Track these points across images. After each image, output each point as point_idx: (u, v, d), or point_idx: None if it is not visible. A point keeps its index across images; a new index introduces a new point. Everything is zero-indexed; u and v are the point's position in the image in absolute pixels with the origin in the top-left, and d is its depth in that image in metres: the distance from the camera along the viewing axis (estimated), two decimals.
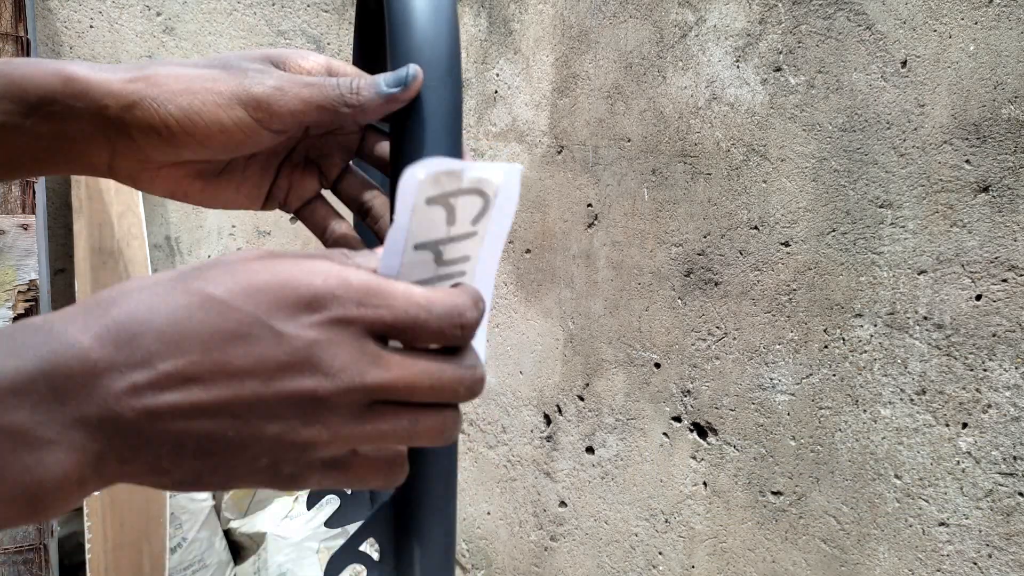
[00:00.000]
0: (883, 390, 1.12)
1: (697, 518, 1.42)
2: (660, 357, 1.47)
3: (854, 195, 1.14)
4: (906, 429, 1.10)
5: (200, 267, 0.34)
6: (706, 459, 1.39)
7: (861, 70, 1.12)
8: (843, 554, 1.19)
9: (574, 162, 1.63)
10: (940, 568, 1.07)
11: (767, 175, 1.26)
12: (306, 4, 1.71)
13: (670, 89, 1.41)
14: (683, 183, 1.40)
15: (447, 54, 0.41)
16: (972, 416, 1.03)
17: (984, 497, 1.02)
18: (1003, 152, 0.98)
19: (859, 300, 1.15)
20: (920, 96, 1.06)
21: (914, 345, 1.08)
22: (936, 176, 1.05)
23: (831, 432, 1.19)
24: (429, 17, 0.41)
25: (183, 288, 0.33)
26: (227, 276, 0.33)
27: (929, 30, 1.04)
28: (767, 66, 1.25)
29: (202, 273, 0.34)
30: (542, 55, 1.70)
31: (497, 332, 1.88)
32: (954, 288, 1.04)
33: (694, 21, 1.36)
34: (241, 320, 0.32)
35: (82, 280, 1.53)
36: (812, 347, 1.21)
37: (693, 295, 1.39)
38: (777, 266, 1.25)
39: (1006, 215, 0.98)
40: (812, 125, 1.19)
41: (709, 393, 1.38)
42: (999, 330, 0.99)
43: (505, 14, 1.80)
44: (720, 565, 1.38)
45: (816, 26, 1.18)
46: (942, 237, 1.04)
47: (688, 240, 1.39)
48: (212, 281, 0.33)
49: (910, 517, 1.10)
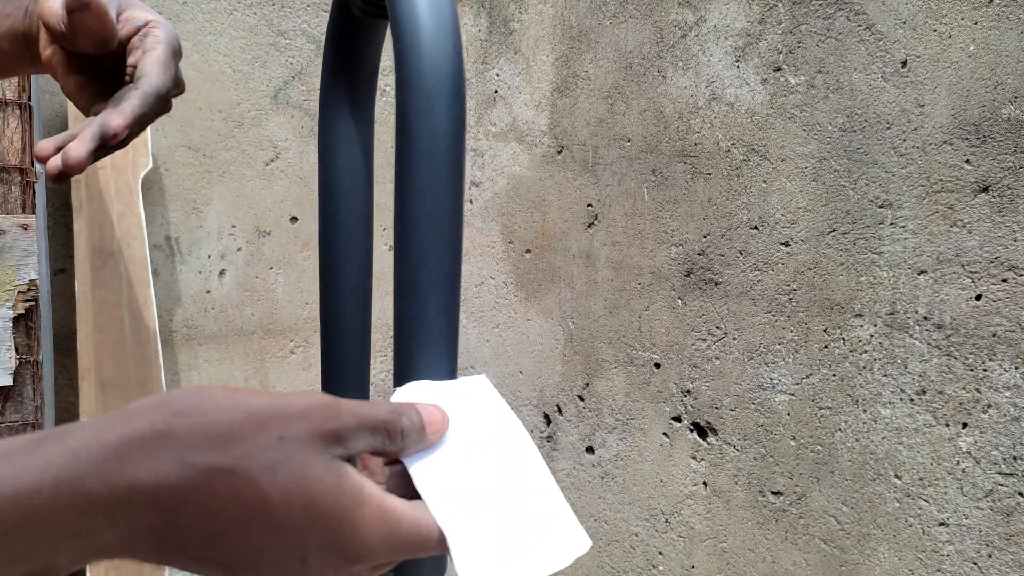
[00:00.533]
0: (883, 390, 1.12)
1: (697, 518, 1.42)
2: (660, 357, 1.47)
3: (854, 195, 1.14)
4: (906, 429, 1.10)
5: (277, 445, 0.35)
6: (706, 459, 1.39)
7: (861, 70, 1.12)
8: (843, 554, 1.19)
9: (574, 162, 1.63)
10: (940, 568, 1.07)
11: (767, 175, 1.26)
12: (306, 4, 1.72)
13: (670, 89, 1.41)
14: (683, 183, 1.40)
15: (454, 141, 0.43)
16: (972, 416, 1.03)
17: (984, 497, 1.02)
18: (1003, 152, 0.98)
19: (859, 300, 1.14)
20: (920, 96, 1.06)
21: (914, 345, 1.08)
22: (936, 176, 1.05)
23: (831, 432, 1.19)
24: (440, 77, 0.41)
25: (252, 487, 0.34)
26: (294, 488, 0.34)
27: (929, 30, 1.04)
28: (767, 66, 1.25)
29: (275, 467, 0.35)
30: (542, 55, 1.70)
31: (497, 332, 1.88)
32: (954, 288, 1.04)
33: (694, 21, 1.36)
34: (284, 547, 0.35)
35: (82, 280, 1.54)
36: (812, 347, 1.21)
37: (693, 295, 1.39)
38: (777, 266, 1.25)
39: (1006, 215, 0.98)
40: (812, 125, 1.19)
41: (709, 393, 1.38)
42: (999, 330, 0.99)
43: (505, 14, 1.80)
44: (720, 565, 1.38)
45: (816, 26, 1.18)
46: (942, 237, 1.04)
47: (688, 240, 1.39)
48: (279, 487, 0.34)
49: (910, 517, 1.10)
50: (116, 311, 1.48)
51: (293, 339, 1.77)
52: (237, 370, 1.72)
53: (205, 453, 0.33)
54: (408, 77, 0.41)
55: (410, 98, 0.41)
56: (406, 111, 0.41)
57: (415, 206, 0.42)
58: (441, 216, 0.42)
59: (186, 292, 1.66)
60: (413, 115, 0.41)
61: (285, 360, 1.77)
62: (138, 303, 1.50)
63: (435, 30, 0.41)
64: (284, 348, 1.77)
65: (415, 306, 0.43)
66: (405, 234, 0.42)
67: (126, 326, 1.48)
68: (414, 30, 0.41)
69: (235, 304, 1.71)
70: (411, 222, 0.42)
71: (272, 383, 1.76)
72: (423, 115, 0.41)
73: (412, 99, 0.41)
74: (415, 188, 0.42)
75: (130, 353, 1.48)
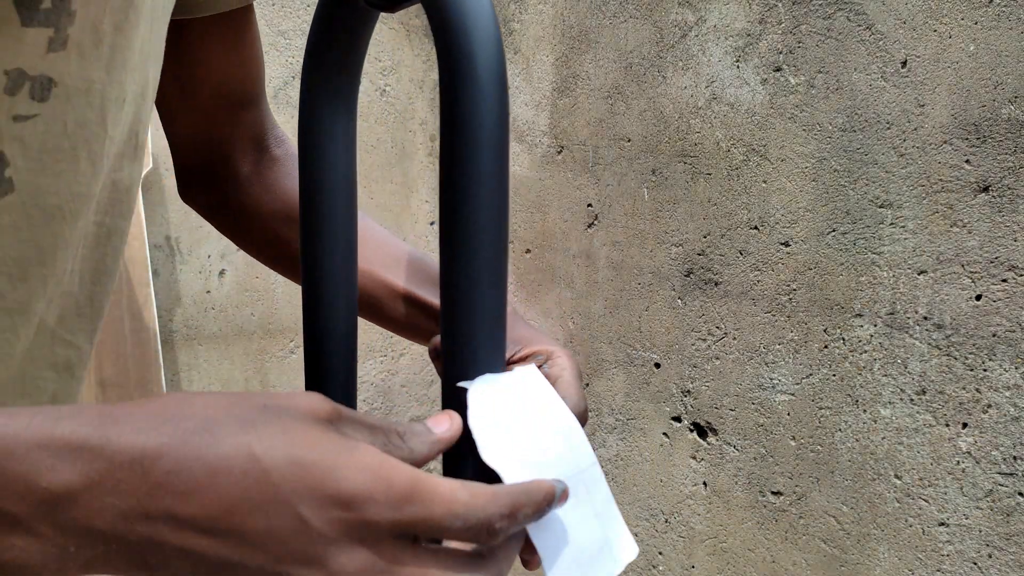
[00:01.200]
0: (883, 390, 1.12)
1: (697, 518, 1.42)
2: (660, 357, 1.47)
3: (854, 195, 1.14)
4: (906, 429, 1.10)
5: (260, 409, 0.35)
6: (706, 459, 1.39)
7: (861, 70, 1.12)
8: (843, 554, 1.19)
9: (574, 162, 1.63)
10: (940, 568, 1.07)
11: (767, 175, 1.26)
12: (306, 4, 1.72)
13: (670, 89, 1.41)
14: (683, 183, 1.40)
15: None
16: (972, 416, 1.03)
17: (984, 497, 1.02)
18: (1003, 152, 0.98)
19: (859, 300, 1.15)
20: (920, 96, 1.06)
21: (914, 345, 1.08)
22: (936, 176, 1.05)
23: (831, 432, 1.19)
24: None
25: (232, 440, 0.33)
26: (279, 441, 0.34)
27: (929, 30, 1.04)
28: (767, 66, 1.25)
29: (257, 423, 0.34)
30: (542, 55, 1.70)
31: None
32: (954, 288, 1.04)
33: (694, 21, 1.36)
34: (272, 496, 0.33)
35: None
36: (812, 347, 1.21)
37: (693, 295, 1.39)
38: (777, 266, 1.25)
39: (1006, 215, 0.98)
40: (812, 125, 1.19)
41: (709, 393, 1.38)
42: (999, 330, 0.99)
43: (505, 14, 1.80)
44: (720, 565, 1.38)
45: (816, 26, 1.18)
46: (942, 237, 1.04)
47: (688, 240, 1.39)
48: (263, 440, 0.33)
49: (910, 517, 1.10)
50: (116, 311, 1.48)
51: (293, 339, 1.77)
52: (237, 370, 1.72)
53: (195, 425, 0.33)
54: (458, 66, 0.41)
55: (460, 89, 0.41)
56: (456, 102, 0.41)
57: (468, 200, 0.41)
58: (493, 209, 0.42)
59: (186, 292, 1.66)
60: (465, 107, 0.41)
61: (285, 360, 1.77)
62: (138, 303, 1.50)
63: (477, 16, 0.41)
64: (284, 348, 1.77)
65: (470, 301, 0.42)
66: (458, 229, 0.42)
67: (126, 326, 1.48)
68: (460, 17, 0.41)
69: (235, 304, 1.71)
70: (463, 216, 0.42)
71: (272, 383, 1.76)
72: (474, 104, 0.41)
73: (462, 91, 0.41)
74: (468, 180, 0.41)
75: (130, 353, 1.48)
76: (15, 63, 0.40)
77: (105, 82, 0.44)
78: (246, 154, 0.71)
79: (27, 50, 0.40)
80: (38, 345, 0.48)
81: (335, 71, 0.52)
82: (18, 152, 0.41)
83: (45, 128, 0.42)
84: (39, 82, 0.41)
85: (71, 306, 0.50)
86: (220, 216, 0.72)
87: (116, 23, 0.43)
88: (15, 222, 0.42)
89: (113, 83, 0.45)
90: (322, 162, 0.53)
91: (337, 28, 0.51)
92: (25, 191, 0.42)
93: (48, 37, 0.40)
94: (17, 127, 0.41)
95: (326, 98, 0.52)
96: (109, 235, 0.51)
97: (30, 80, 0.40)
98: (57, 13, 0.40)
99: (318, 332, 0.55)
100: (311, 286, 0.54)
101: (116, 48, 0.44)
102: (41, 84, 0.41)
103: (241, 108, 0.69)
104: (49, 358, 0.50)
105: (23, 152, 0.42)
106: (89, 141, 0.45)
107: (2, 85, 0.40)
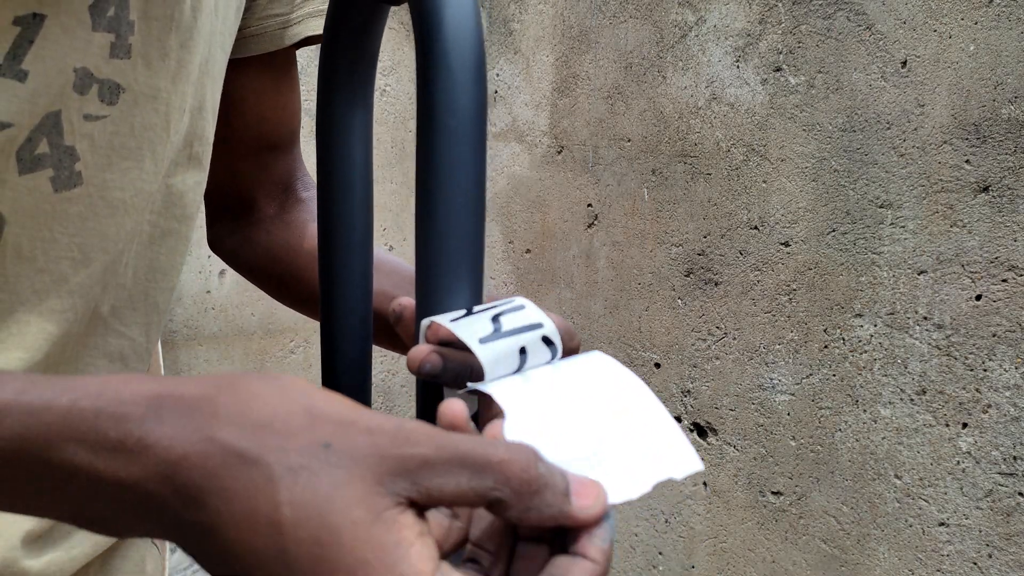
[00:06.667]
0: (883, 390, 1.12)
1: (697, 518, 1.42)
2: (660, 357, 1.47)
3: (854, 195, 1.14)
4: (906, 429, 1.10)
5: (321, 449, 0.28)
6: (706, 459, 1.39)
7: (861, 70, 1.12)
8: (843, 554, 1.19)
9: (574, 162, 1.63)
10: (940, 568, 1.07)
11: (767, 175, 1.26)
12: None
13: (670, 89, 1.41)
14: (683, 183, 1.40)
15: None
16: (972, 416, 1.03)
17: (984, 497, 1.02)
18: (1003, 152, 0.98)
19: (859, 300, 1.15)
20: (920, 96, 1.06)
21: (914, 345, 1.08)
22: (936, 176, 1.05)
23: (831, 432, 1.19)
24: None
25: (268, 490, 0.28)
26: (313, 511, 0.28)
27: (929, 30, 1.04)
28: (767, 66, 1.25)
29: (301, 471, 0.28)
30: (542, 55, 1.70)
31: None
32: (954, 288, 1.04)
33: (694, 21, 1.36)
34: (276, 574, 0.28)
35: None
36: (812, 347, 1.21)
37: (693, 295, 1.39)
38: (777, 266, 1.25)
39: (1006, 215, 0.98)
40: (812, 125, 1.19)
41: (709, 393, 1.38)
42: (999, 330, 0.99)
43: (505, 14, 1.80)
44: (720, 565, 1.38)
45: (816, 26, 1.18)
46: (942, 237, 1.04)
47: (688, 240, 1.40)
48: (295, 505, 0.27)
49: (910, 517, 1.10)
50: None
51: (293, 339, 1.77)
52: (237, 370, 1.72)
53: (234, 432, 0.29)
54: (433, 53, 0.41)
55: (435, 76, 0.41)
56: (431, 89, 0.41)
57: (441, 187, 0.41)
58: (467, 196, 0.42)
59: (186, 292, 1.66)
60: (438, 94, 0.41)
61: (285, 360, 1.77)
62: None
63: (456, 8, 0.41)
64: (284, 348, 1.77)
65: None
66: (429, 218, 0.42)
67: None
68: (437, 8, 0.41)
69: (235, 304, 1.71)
70: (436, 203, 0.41)
71: None
72: (448, 92, 0.40)
73: (437, 77, 0.41)
74: (440, 167, 0.41)
75: None
76: (82, 62, 0.43)
77: (171, 91, 0.49)
78: (273, 197, 0.71)
79: (94, 51, 0.44)
80: (92, 332, 0.50)
81: (351, 67, 0.53)
82: (87, 149, 0.45)
83: (114, 129, 0.46)
84: (107, 86, 0.45)
85: (124, 298, 0.52)
86: (243, 258, 0.72)
87: (182, 41, 0.48)
88: (82, 212, 0.46)
89: (177, 93, 0.49)
90: (340, 158, 0.53)
91: (352, 24, 0.51)
92: (93, 184, 0.46)
93: (110, 42, 0.44)
94: (88, 125, 0.45)
95: (343, 95, 0.53)
96: (164, 235, 0.54)
97: (98, 83, 0.44)
98: (118, 21, 0.44)
99: (335, 328, 0.55)
100: (327, 283, 0.55)
101: (181, 63, 0.49)
102: (110, 88, 0.45)
103: (273, 152, 0.70)
104: (103, 347, 0.52)
105: (92, 149, 0.45)
106: (154, 143, 0.49)
107: (71, 82, 0.43)
